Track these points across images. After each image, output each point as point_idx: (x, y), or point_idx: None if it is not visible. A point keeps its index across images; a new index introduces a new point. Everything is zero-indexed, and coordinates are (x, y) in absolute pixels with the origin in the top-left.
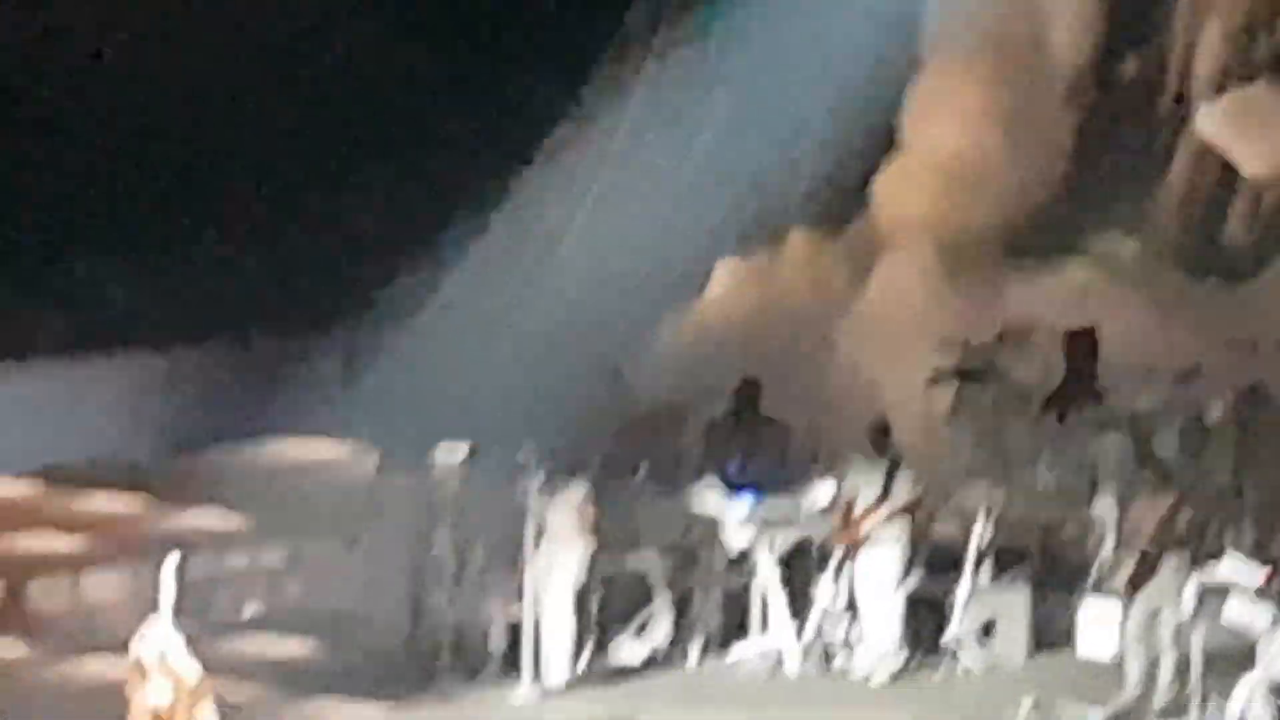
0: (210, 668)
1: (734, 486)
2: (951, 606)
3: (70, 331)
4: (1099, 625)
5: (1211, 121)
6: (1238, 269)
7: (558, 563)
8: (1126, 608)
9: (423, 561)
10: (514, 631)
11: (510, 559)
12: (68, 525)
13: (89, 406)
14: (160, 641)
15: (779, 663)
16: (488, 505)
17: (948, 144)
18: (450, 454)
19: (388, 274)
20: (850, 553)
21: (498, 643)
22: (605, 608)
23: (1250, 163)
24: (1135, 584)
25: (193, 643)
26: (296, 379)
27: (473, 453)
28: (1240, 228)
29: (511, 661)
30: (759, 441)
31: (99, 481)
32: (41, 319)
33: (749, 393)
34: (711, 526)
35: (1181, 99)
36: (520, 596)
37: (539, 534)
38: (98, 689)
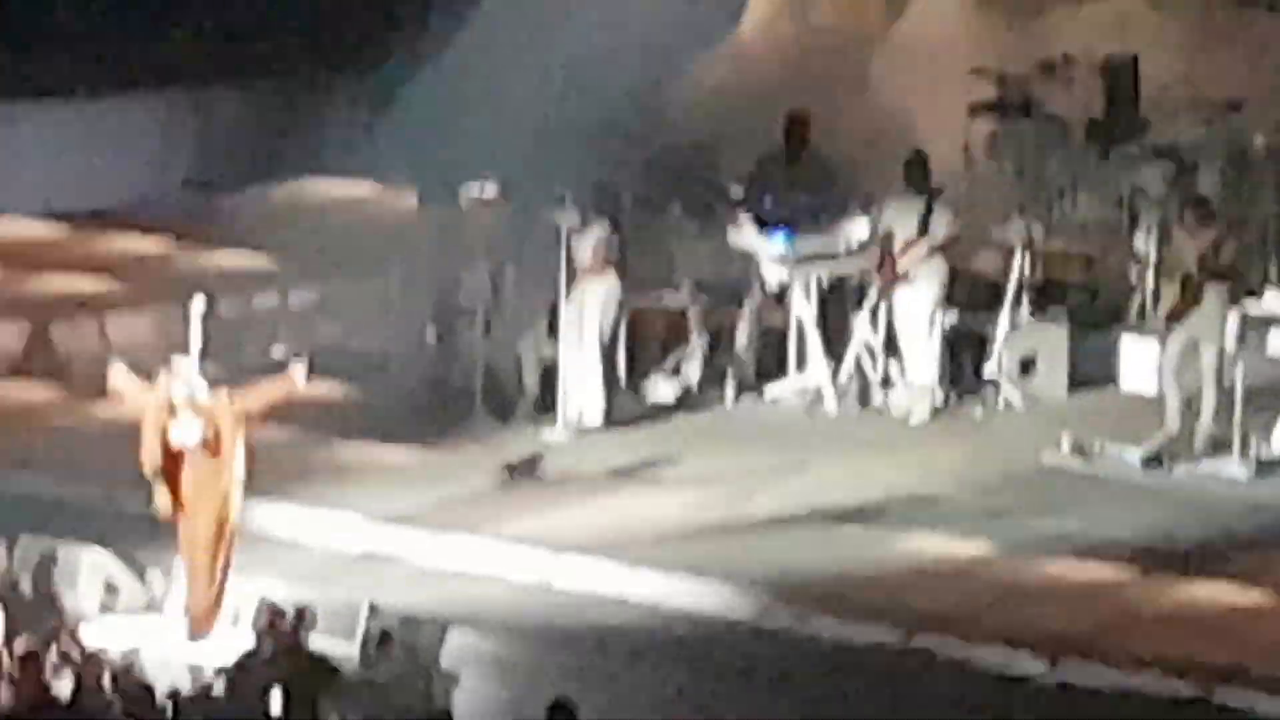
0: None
1: (772, 222)
2: (991, 342)
3: (97, 70)
4: (1141, 360)
5: None
6: None
7: (588, 301)
8: (1166, 340)
9: (454, 301)
10: (547, 371)
11: (542, 298)
12: (93, 267)
13: (115, 146)
14: (190, 380)
15: (816, 401)
16: (519, 243)
17: None
18: (481, 191)
19: (418, 10)
20: (888, 289)
21: (530, 383)
22: (640, 347)
23: None
24: (1175, 316)
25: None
26: (326, 117)
27: (504, 190)
28: None
29: (545, 402)
30: (808, 176)
31: (125, 223)
32: (68, 58)
33: (799, 126)
34: (748, 263)
35: None
36: (553, 335)
37: (571, 272)
38: (124, 431)
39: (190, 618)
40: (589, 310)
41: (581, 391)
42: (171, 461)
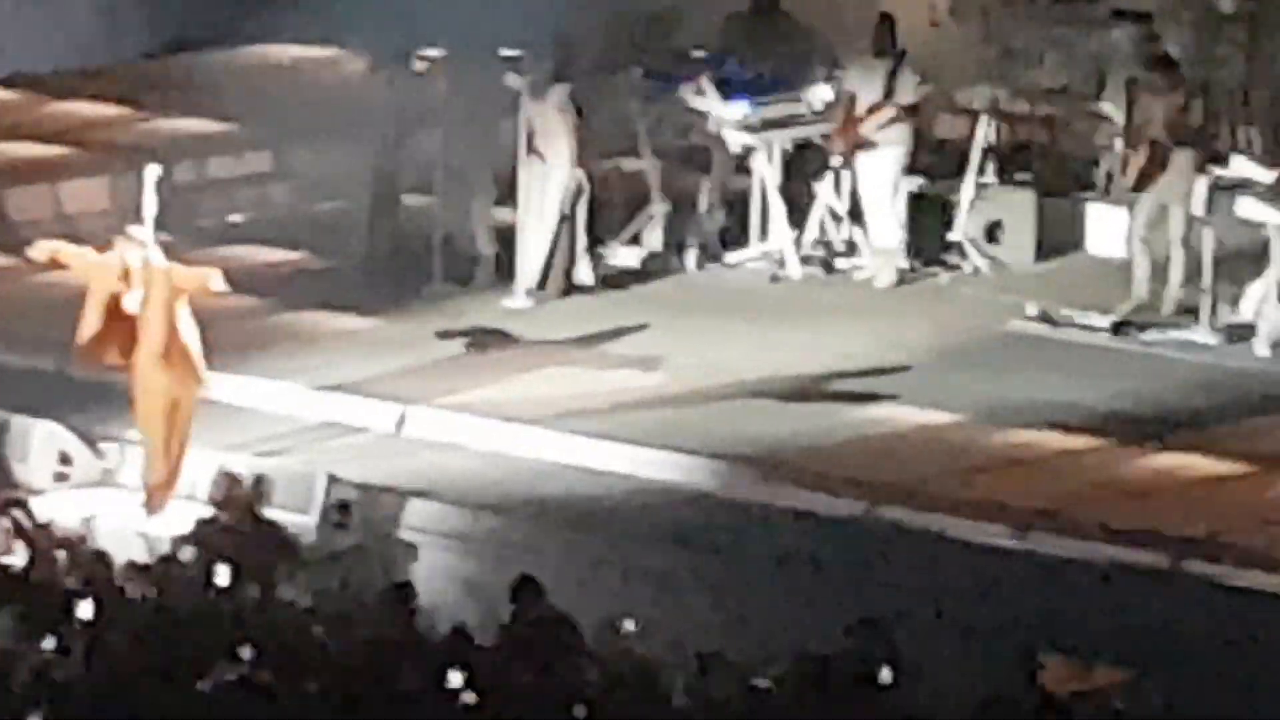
0: None
1: (735, 86)
2: (956, 208)
3: None
4: (1108, 225)
5: None
6: None
7: (548, 167)
8: (1134, 205)
9: (408, 166)
10: (503, 237)
11: (497, 163)
12: (45, 134)
13: (64, 10)
14: (146, 247)
15: (780, 267)
16: (474, 108)
17: None
18: (436, 56)
19: None
20: (852, 154)
21: (485, 248)
22: (600, 213)
23: None
24: (1143, 180)
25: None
26: None
27: (454, 53)
28: None
29: (503, 268)
30: (774, 40)
31: (76, 88)
32: None
33: None
34: (711, 127)
35: None
36: (509, 201)
37: (530, 137)
38: (79, 301)
39: (146, 490)
40: (549, 176)
41: (541, 258)
42: (128, 331)
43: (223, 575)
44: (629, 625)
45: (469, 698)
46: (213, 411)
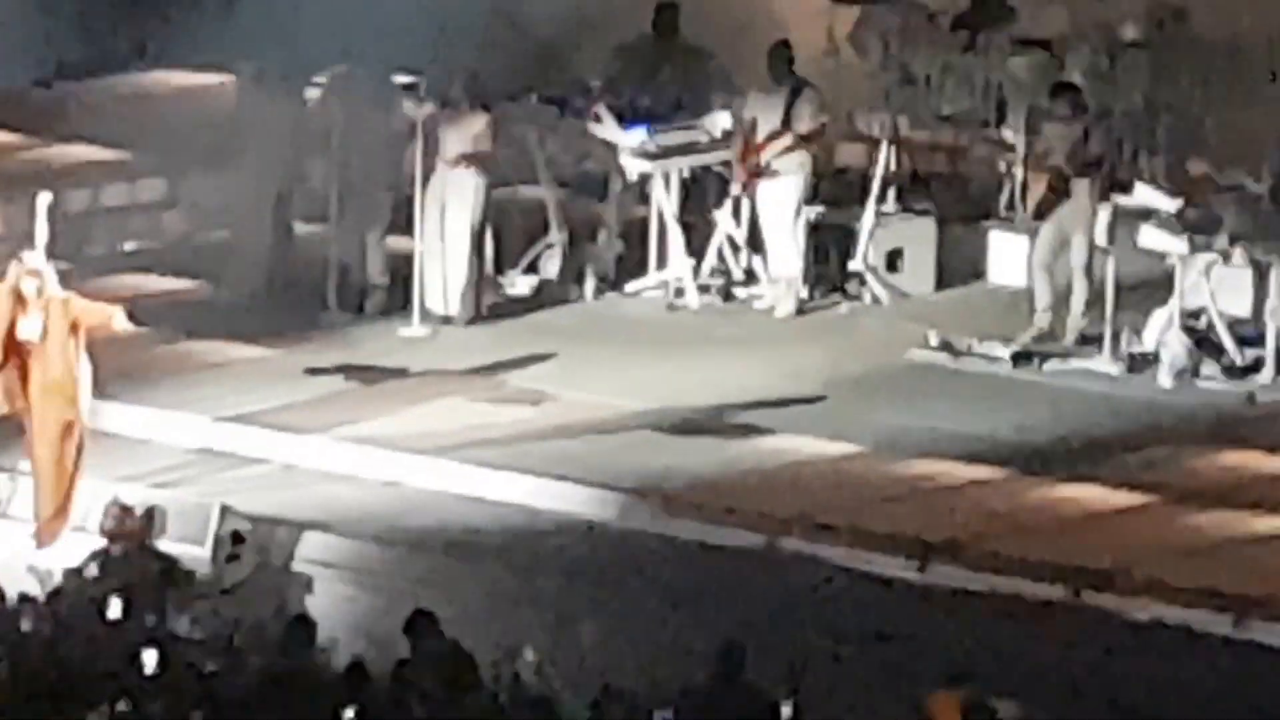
0: None
1: (632, 113)
2: (857, 237)
3: None
4: (1009, 255)
5: None
6: None
7: (453, 195)
8: (1035, 235)
9: (300, 192)
10: (395, 266)
11: (392, 191)
12: None
13: None
14: (40, 274)
15: (679, 296)
16: (368, 133)
17: None
18: (327, 79)
19: None
20: (751, 182)
21: (379, 277)
22: (498, 240)
23: None
24: (1045, 209)
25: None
26: (172, 5)
27: (348, 78)
28: None
29: (396, 296)
30: (673, 66)
31: None
32: None
33: (669, 14)
34: (609, 155)
35: None
36: (404, 229)
37: (427, 165)
38: None
39: (37, 522)
40: (453, 203)
41: (441, 286)
42: (17, 357)
43: (115, 608)
44: (530, 655)
45: None
46: (105, 442)
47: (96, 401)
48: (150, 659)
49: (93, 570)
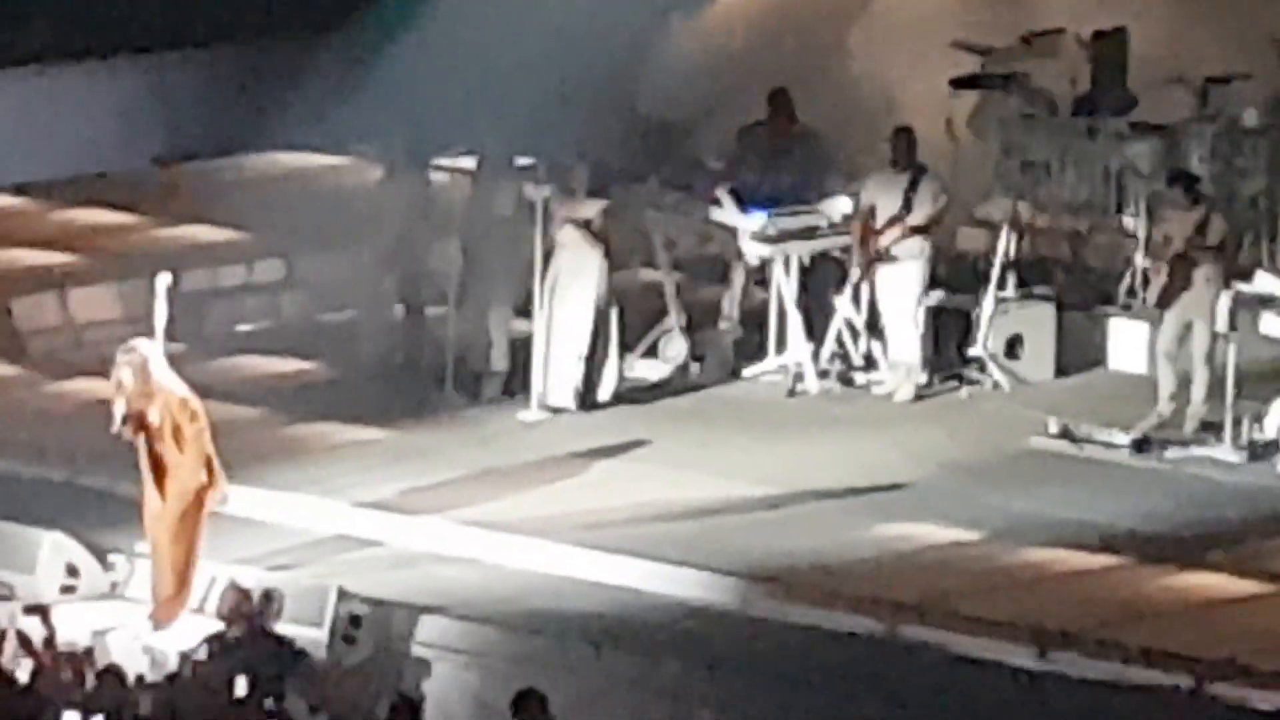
0: (204, 388)
1: (752, 197)
2: (976, 322)
3: (55, 37)
4: (1130, 341)
5: None
6: None
7: (572, 279)
8: (1157, 322)
9: (423, 275)
10: (514, 350)
11: (513, 274)
12: (55, 241)
13: (76, 117)
14: (157, 362)
15: (798, 380)
16: (491, 218)
17: None
18: (452, 164)
19: None
20: (870, 267)
21: (500, 361)
22: (618, 324)
23: None
24: (1166, 296)
25: (187, 361)
26: (296, 87)
27: (478, 161)
28: None
29: (516, 381)
30: (791, 151)
31: (89, 195)
32: (25, 23)
33: (783, 102)
34: (729, 239)
35: None
36: (524, 313)
37: (548, 248)
38: (87, 408)
39: (154, 604)
40: (574, 289)
41: (560, 370)
42: (145, 433)
43: (240, 686)
44: None
45: None
46: (222, 523)
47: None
48: None
49: (209, 653)
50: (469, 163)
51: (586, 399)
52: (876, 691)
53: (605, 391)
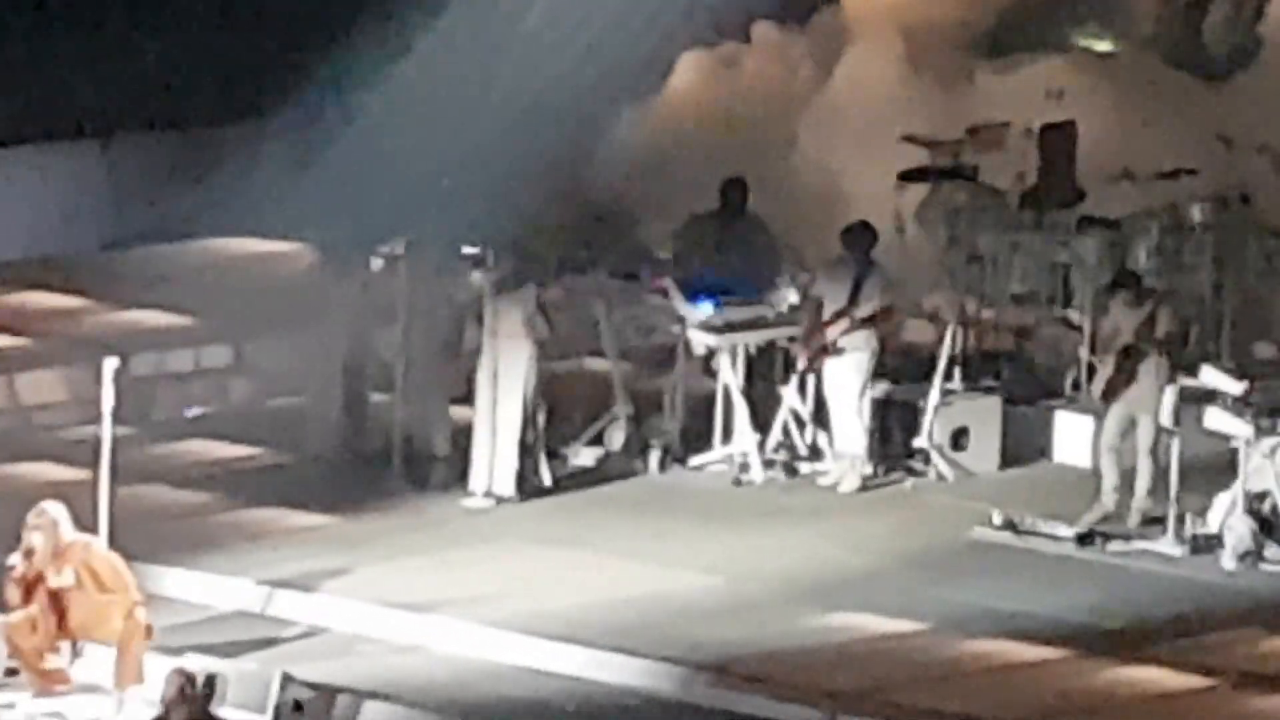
0: (152, 472)
1: (699, 287)
2: (922, 414)
3: (4, 120)
4: (1075, 434)
5: None
6: (1218, 67)
7: (510, 368)
8: (1102, 415)
9: (366, 362)
10: (458, 437)
11: (454, 361)
12: (2, 324)
13: (21, 200)
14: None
15: (743, 470)
16: (432, 304)
17: None
18: (393, 252)
19: (336, 64)
20: (816, 359)
21: (442, 447)
22: (562, 412)
23: None
24: (1111, 390)
25: (134, 445)
26: (239, 174)
27: (414, 249)
28: (1222, 24)
29: (460, 467)
30: (740, 242)
31: (34, 278)
32: None
33: (737, 191)
34: (675, 329)
35: None
36: (466, 400)
37: (491, 335)
38: (34, 493)
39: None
40: (507, 378)
41: (502, 458)
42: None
43: None
44: None
45: None
46: (165, 608)
47: (159, 567)
48: None
49: None
50: (413, 250)
51: (525, 487)
52: None
53: (532, 482)
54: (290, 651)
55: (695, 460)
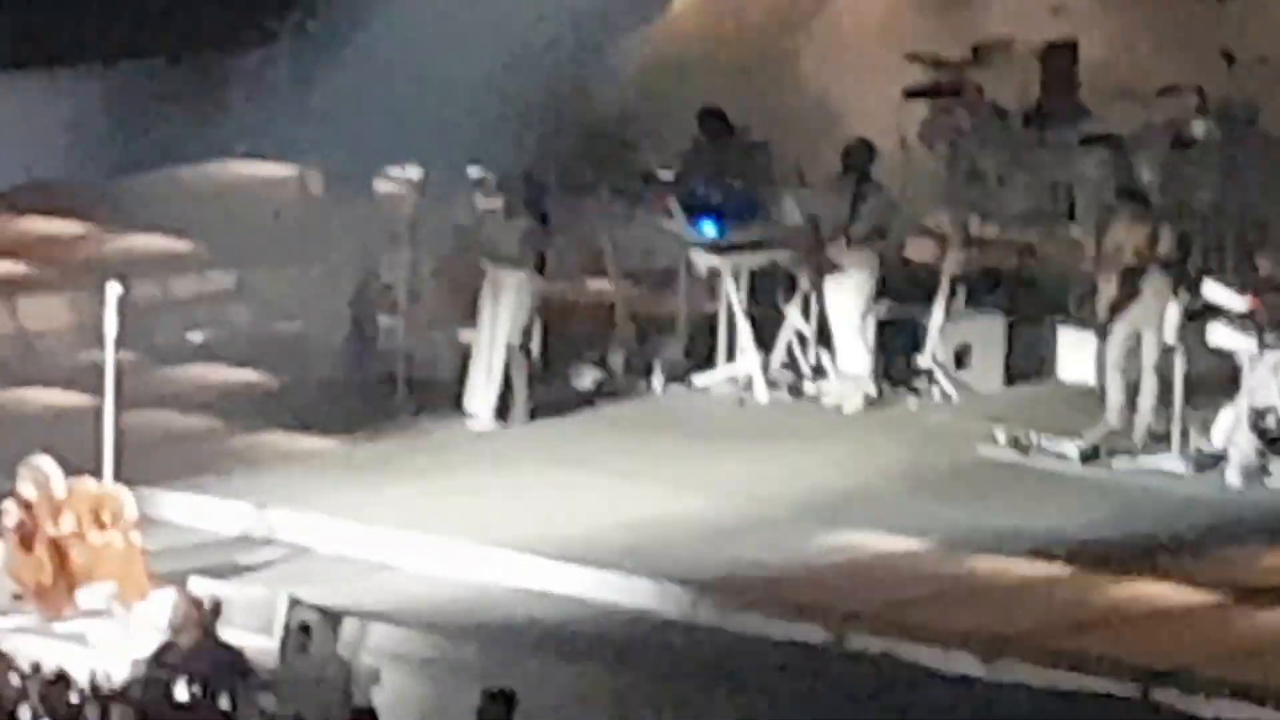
0: (155, 397)
1: (702, 208)
2: (926, 333)
3: (7, 47)
4: (1078, 352)
5: None
6: None
7: (504, 292)
8: (1106, 333)
9: (373, 286)
10: (461, 359)
11: (461, 285)
12: (4, 249)
13: (24, 127)
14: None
15: (747, 391)
16: (439, 229)
17: None
18: (401, 176)
19: None
20: (819, 278)
21: (446, 371)
22: (566, 335)
23: None
24: (1115, 307)
25: (138, 371)
26: (244, 98)
27: (424, 173)
28: None
29: (466, 391)
30: (740, 163)
31: (38, 204)
32: None
33: (712, 119)
34: (678, 249)
35: None
36: (472, 324)
37: (495, 258)
38: (37, 419)
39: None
40: (504, 300)
41: (500, 382)
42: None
43: (182, 691)
44: None
45: None
46: (171, 533)
47: (163, 492)
48: None
49: (159, 662)
50: (417, 174)
51: (527, 410)
52: (822, 699)
53: (546, 401)
54: (295, 575)
55: (699, 381)
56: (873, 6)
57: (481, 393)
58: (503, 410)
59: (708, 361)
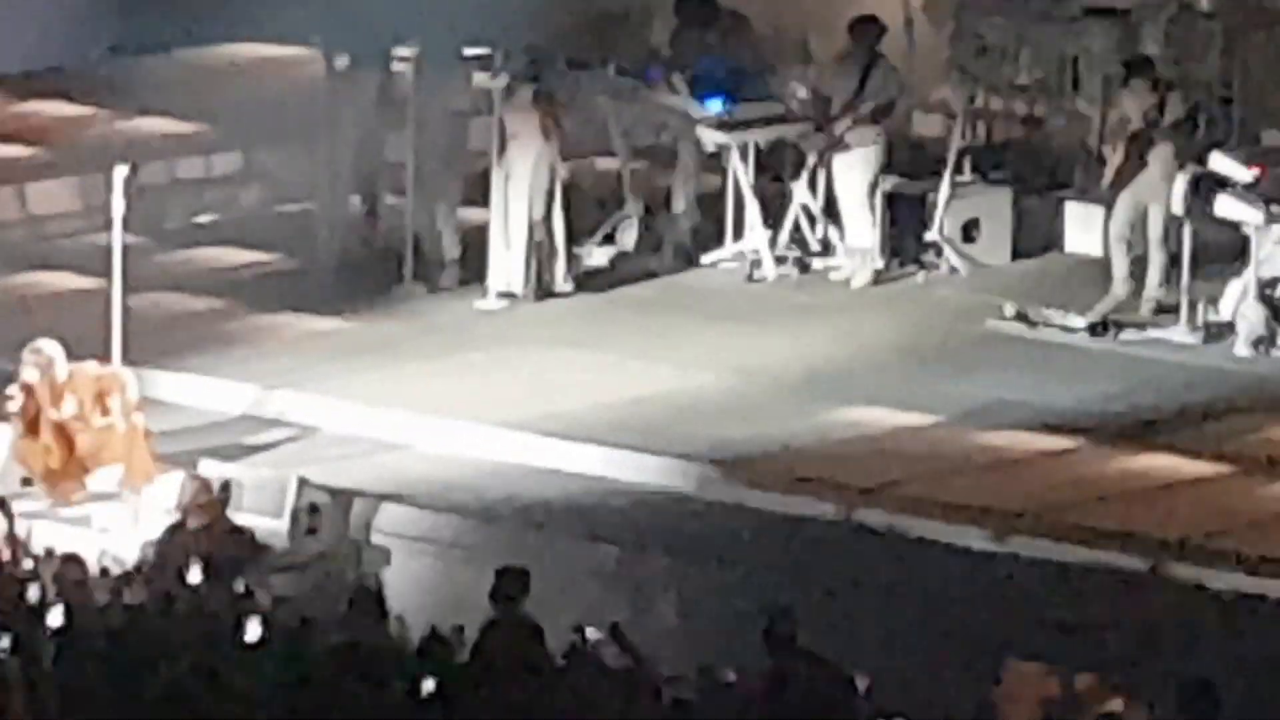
0: (163, 279)
1: (707, 86)
2: (932, 207)
3: None
4: (1086, 225)
5: None
6: None
7: (523, 168)
8: (1112, 204)
9: (380, 167)
10: (470, 239)
11: (464, 164)
12: (12, 134)
13: (31, 10)
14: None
15: (755, 267)
16: (442, 107)
17: None
18: (405, 55)
19: None
20: (826, 154)
21: (452, 250)
22: (573, 212)
23: None
24: (1121, 179)
25: (145, 254)
26: None
27: (430, 52)
28: None
29: (471, 269)
30: (747, 38)
31: (43, 88)
32: None
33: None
34: (684, 126)
35: None
36: (477, 202)
37: (501, 138)
38: (46, 302)
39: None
40: (516, 179)
41: (512, 259)
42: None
43: (195, 573)
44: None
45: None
46: (179, 414)
47: (171, 374)
48: (227, 630)
49: (169, 543)
50: (423, 53)
51: (541, 287)
52: (832, 575)
53: (559, 279)
54: (304, 456)
55: (707, 258)
56: None
57: (500, 270)
58: (535, 282)
59: (716, 239)
